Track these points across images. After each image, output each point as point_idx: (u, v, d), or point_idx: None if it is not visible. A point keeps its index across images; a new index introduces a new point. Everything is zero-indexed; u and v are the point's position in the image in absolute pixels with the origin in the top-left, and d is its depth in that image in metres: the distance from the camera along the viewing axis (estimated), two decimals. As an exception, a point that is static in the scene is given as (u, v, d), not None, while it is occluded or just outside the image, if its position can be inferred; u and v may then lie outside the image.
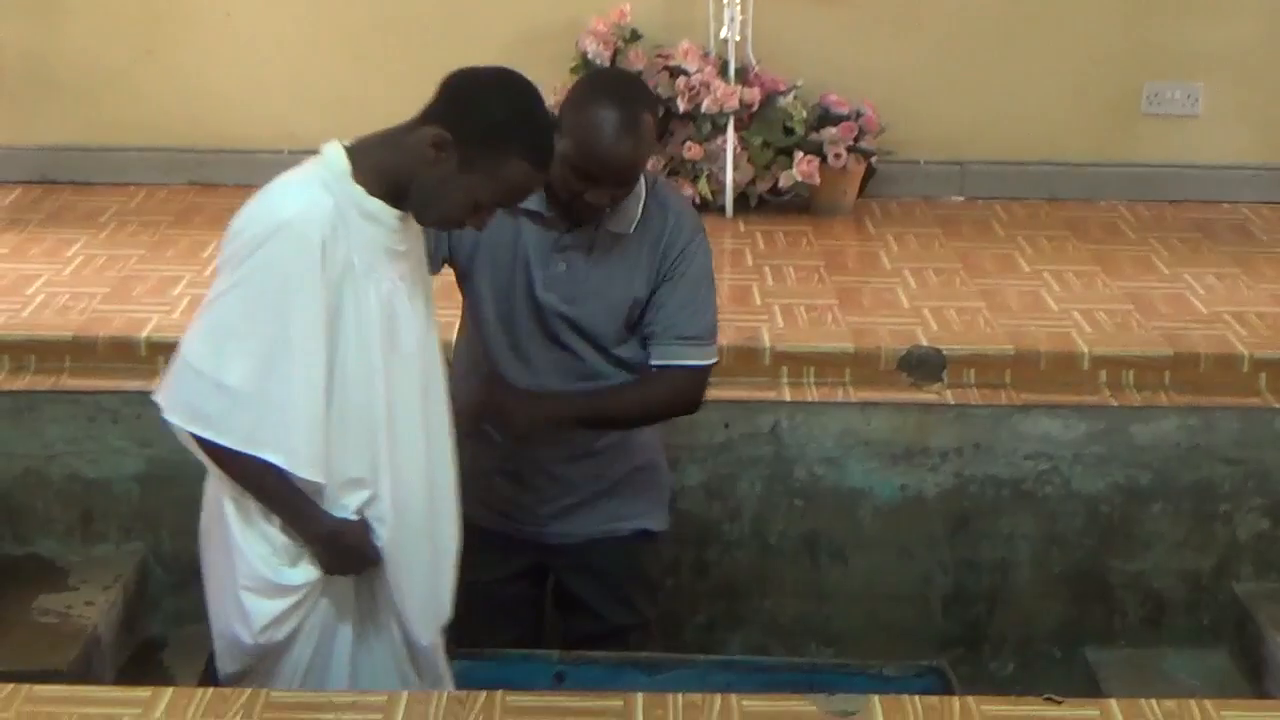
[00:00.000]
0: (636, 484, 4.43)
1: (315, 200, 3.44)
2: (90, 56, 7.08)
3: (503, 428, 4.12)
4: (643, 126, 3.92)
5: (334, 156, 3.52)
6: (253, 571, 3.61)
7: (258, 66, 7.05)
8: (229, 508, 3.60)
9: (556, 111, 3.89)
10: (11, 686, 3.35)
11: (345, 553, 3.65)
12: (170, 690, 3.40)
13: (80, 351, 5.39)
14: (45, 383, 5.34)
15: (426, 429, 3.67)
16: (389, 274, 3.56)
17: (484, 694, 3.38)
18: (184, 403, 3.50)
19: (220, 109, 7.08)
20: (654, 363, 4.17)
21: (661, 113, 6.69)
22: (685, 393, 4.23)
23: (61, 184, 7.07)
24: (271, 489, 3.54)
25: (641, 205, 4.08)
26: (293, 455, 3.49)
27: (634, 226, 4.09)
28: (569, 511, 4.37)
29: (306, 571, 3.64)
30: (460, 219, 3.60)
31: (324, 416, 3.50)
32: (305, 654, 3.69)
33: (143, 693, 3.38)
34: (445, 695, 3.37)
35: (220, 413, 3.46)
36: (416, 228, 3.65)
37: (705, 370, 4.22)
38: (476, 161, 3.47)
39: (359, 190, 3.48)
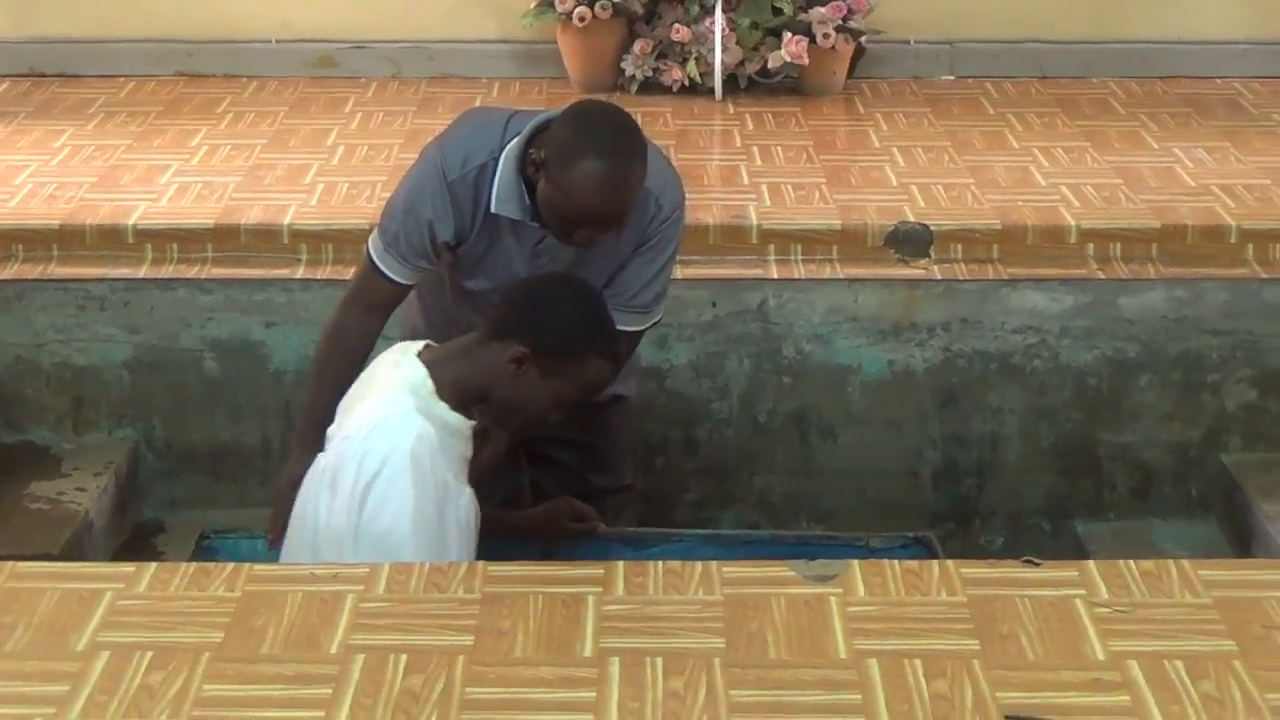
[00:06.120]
0: None
1: (423, 434, 3.54)
2: (76, -52, 7.06)
3: None
4: (632, 178, 3.81)
5: (419, 377, 3.63)
6: None
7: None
8: None
9: None
10: (-4, 564, 3.39)
11: None
12: (154, 565, 3.42)
13: (68, 240, 5.39)
14: (33, 271, 5.35)
15: None
16: (464, 482, 3.67)
17: (465, 565, 3.40)
18: None
19: (208, -2, 7.06)
20: None
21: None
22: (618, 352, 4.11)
23: (50, 76, 7.05)
24: None
25: None
26: None
27: None
28: None
29: None
30: (545, 420, 3.77)
31: None
32: None
33: (127, 568, 3.41)
34: (426, 567, 3.38)
35: None
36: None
37: (639, 334, 4.24)
38: (557, 368, 3.66)
39: (444, 407, 3.61)
